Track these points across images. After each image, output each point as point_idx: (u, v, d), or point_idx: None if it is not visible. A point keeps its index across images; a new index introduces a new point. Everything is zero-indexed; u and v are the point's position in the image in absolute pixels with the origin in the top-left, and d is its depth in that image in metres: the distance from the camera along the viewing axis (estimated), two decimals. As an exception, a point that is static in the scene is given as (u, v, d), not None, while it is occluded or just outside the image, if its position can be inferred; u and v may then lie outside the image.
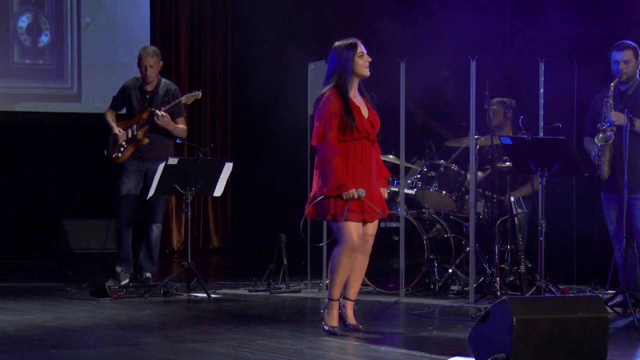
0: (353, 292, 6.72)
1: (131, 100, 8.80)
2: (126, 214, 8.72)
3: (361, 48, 6.59)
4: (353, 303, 6.73)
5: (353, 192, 6.44)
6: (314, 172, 6.63)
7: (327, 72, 6.63)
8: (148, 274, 8.70)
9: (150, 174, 8.64)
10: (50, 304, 7.95)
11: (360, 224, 6.58)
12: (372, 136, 6.61)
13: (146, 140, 8.67)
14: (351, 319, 6.68)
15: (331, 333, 6.53)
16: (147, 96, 8.75)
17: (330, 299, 6.61)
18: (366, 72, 6.59)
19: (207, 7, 12.75)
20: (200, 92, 8.86)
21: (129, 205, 8.73)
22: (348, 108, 6.49)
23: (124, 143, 8.69)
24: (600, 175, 7.66)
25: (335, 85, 6.55)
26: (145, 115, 8.68)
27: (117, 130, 8.71)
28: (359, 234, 6.56)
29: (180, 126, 8.76)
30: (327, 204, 6.50)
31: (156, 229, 8.76)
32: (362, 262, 6.70)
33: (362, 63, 6.57)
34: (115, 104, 8.96)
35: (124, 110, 9.05)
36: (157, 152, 8.72)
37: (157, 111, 8.58)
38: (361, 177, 6.53)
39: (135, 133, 8.67)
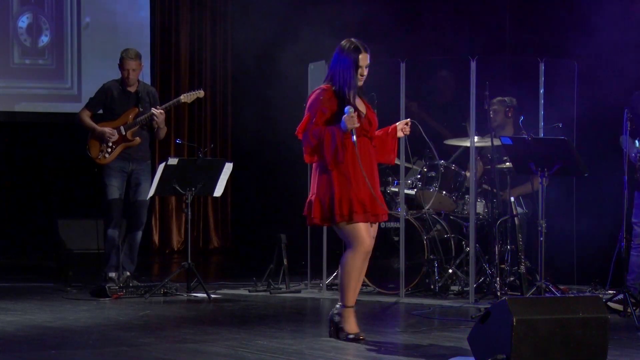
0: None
1: (113, 102, 8.71)
2: (118, 217, 8.68)
3: (364, 60, 6.32)
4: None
5: (351, 112, 6.23)
6: (313, 174, 6.43)
7: (328, 72, 6.44)
8: (128, 273, 8.67)
9: (135, 174, 8.66)
10: (50, 304, 7.95)
11: (369, 225, 6.38)
12: (370, 133, 6.47)
13: (138, 140, 8.65)
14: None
15: (356, 340, 6.30)
16: (131, 97, 8.73)
17: (345, 306, 6.37)
18: (359, 84, 6.37)
19: (207, 7, 12.75)
20: (202, 91, 8.84)
21: (119, 207, 8.68)
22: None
23: (111, 144, 8.65)
24: None
25: (332, 85, 6.38)
26: (132, 116, 8.66)
27: (108, 129, 8.60)
28: (370, 235, 6.36)
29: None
30: (332, 205, 6.28)
31: (140, 233, 8.75)
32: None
33: (358, 77, 6.34)
34: (93, 105, 8.80)
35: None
36: (143, 153, 8.74)
37: (154, 109, 8.57)
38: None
39: (124, 133, 8.64)
